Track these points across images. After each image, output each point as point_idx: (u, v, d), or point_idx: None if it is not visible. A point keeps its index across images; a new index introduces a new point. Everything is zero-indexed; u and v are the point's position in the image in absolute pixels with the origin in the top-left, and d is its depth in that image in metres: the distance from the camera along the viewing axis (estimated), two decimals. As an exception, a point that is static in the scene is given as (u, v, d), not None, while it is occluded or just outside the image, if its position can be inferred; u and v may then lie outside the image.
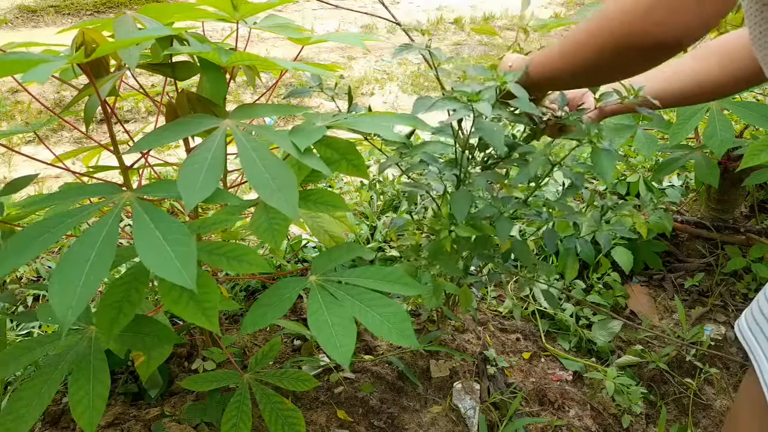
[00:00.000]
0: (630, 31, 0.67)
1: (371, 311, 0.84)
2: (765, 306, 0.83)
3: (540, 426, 1.30)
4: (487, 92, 0.85)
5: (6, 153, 2.85)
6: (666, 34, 0.65)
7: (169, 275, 0.63)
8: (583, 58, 0.76)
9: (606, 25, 0.70)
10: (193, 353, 1.40)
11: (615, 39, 0.69)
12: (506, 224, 1.01)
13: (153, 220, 0.68)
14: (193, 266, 0.64)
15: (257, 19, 1.00)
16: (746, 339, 0.86)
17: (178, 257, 0.64)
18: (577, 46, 0.77)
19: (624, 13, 0.68)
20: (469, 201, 0.98)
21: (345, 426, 1.25)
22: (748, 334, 0.85)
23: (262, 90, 3.70)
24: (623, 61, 0.72)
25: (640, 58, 0.71)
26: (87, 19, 5.25)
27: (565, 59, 0.80)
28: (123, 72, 0.88)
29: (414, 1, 6.45)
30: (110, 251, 0.65)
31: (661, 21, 0.64)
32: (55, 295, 0.62)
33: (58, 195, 0.80)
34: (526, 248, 1.11)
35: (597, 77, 0.83)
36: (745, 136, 1.74)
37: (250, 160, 0.72)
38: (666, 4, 0.63)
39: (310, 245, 1.86)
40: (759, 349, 0.82)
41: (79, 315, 0.92)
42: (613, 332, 1.60)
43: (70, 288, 0.62)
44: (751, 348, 0.84)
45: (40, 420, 1.24)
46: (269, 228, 0.83)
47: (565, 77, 0.83)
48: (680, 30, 0.64)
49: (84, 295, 0.61)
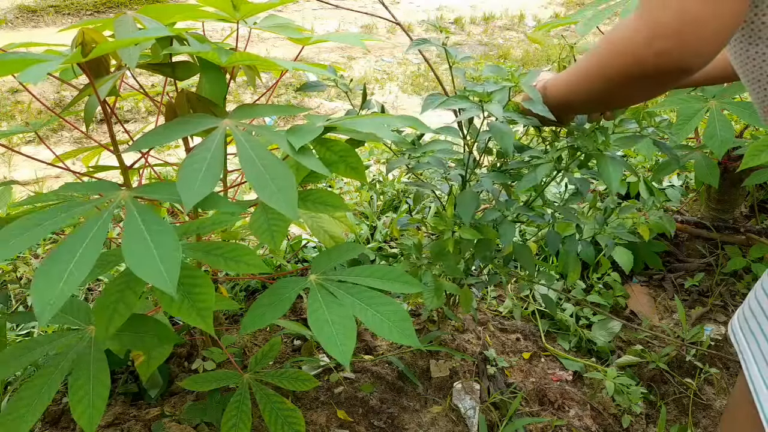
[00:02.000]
0: (634, 62, 0.65)
1: (371, 310, 0.84)
2: (753, 303, 0.83)
3: (540, 426, 1.30)
4: (500, 93, 0.84)
5: (6, 153, 2.85)
6: (670, 63, 0.63)
7: (151, 278, 0.62)
8: (591, 90, 0.75)
9: (610, 57, 0.69)
10: (193, 353, 1.40)
11: (621, 71, 0.68)
12: (510, 228, 1.01)
13: (144, 221, 0.67)
14: (176, 271, 0.63)
15: (257, 19, 1.00)
16: (736, 337, 0.86)
17: (163, 261, 0.63)
18: (586, 78, 0.75)
19: (626, 44, 0.66)
20: (476, 202, 0.98)
21: (345, 426, 1.25)
22: (739, 333, 0.85)
23: (262, 90, 3.70)
24: (633, 90, 0.71)
25: (650, 86, 0.69)
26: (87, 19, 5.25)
27: (572, 87, 0.80)
28: (123, 72, 0.88)
29: (414, 1, 6.45)
30: (96, 249, 0.65)
31: (663, 50, 0.62)
32: (36, 290, 0.61)
33: (58, 194, 0.80)
34: (528, 252, 1.11)
35: (610, 105, 0.82)
36: (745, 136, 1.74)
37: (250, 160, 0.72)
38: (664, 33, 0.61)
39: (310, 245, 1.86)
40: (746, 344, 0.82)
41: (80, 315, 0.93)
42: (613, 332, 1.60)
43: (52, 284, 0.61)
44: (739, 345, 0.84)
45: (40, 420, 1.24)
46: (268, 229, 0.83)
47: (577, 105, 0.82)
48: (688, 57, 0.62)
49: (65, 291, 0.61)
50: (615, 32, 0.68)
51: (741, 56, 0.73)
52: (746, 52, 0.72)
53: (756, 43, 0.69)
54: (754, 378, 0.78)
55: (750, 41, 0.70)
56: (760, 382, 0.76)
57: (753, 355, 0.80)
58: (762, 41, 0.68)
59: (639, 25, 0.63)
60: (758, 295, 0.83)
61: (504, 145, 0.86)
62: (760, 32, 0.68)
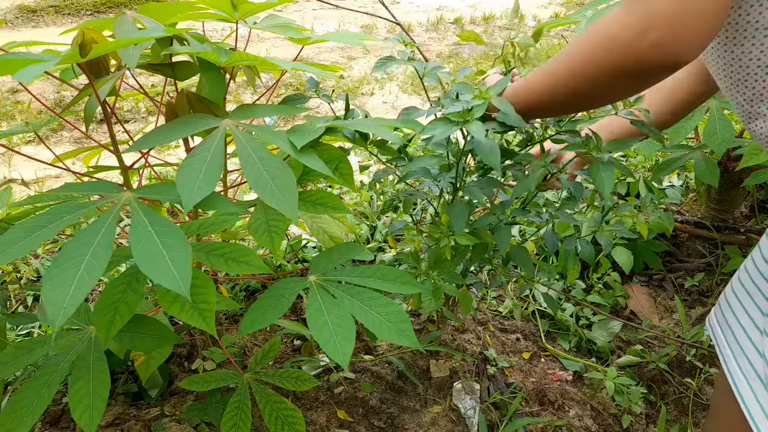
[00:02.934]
0: (624, 56, 0.64)
1: (371, 311, 0.84)
2: (730, 296, 0.84)
3: (540, 426, 1.30)
4: (478, 110, 0.84)
5: (6, 153, 2.85)
6: (666, 55, 0.61)
7: (164, 281, 0.62)
8: (564, 92, 0.73)
9: (595, 54, 0.67)
10: (193, 353, 1.40)
11: (608, 67, 0.66)
12: (506, 232, 1.01)
13: (151, 222, 0.68)
14: (188, 273, 0.63)
15: (257, 19, 1.00)
16: (714, 332, 0.86)
17: (174, 263, 0.64)
18: (559, 80, 0.73)
19: (614, 40, 0.64)
20: (467, 212, 0.98)
21: (345, 426, 1.25)
22: (717, 327, 0.86)
23: (262, 90, 3.70)
24: (617, 88, 0.69)
25: (635, 82, 0.67)
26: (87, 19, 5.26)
27: (540, 90, 0.77)
28: (123, 72, 0.88)
29: (414, 1, 6.45)
30: (107, 251, 0.64)
31: (659, 41, 0.61)
32: (47, 294, 0.61)
33: (59, 193, 0.80)
34: (525, 254, 1.11)
35: (584, 105, 0.79)
36: (745, 135, 1.74)
37: (250, 160, 0.72)
38: (664, 22, 0.60)
39: (310, 245, 1.86)
40: (723, 338, 0.83)
41: (80, 315, 0.93)
42: (613, 332, 1.60)
43: (63, 288, 0.61)
44: (716, 339, 0.85)
45: (40, 420, 1.24)
46: (267, 230, 0.83)
47: (548, 105, 0.79)
48: (681, 48, 0.61)
49: (77, 296, 0.60)
50: (596, 31, 0.67)
51: (724, 59, 0.73)
52: (731, 53, 0.72)
53: (741, 43, 0.69)
54: (732, 371, 0.78)
55: (735, 42, 0.70)
56: (739, 374, 0.76)
57: (730, 348, 0.80)
58: (747, 40, 0.68)
59: (630, 19, 0.62)
60: (735, 288, 0.83)
61: (492, 163, 0.85)
62: (745, 32, 0.68)
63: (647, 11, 0.61)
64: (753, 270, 0.80)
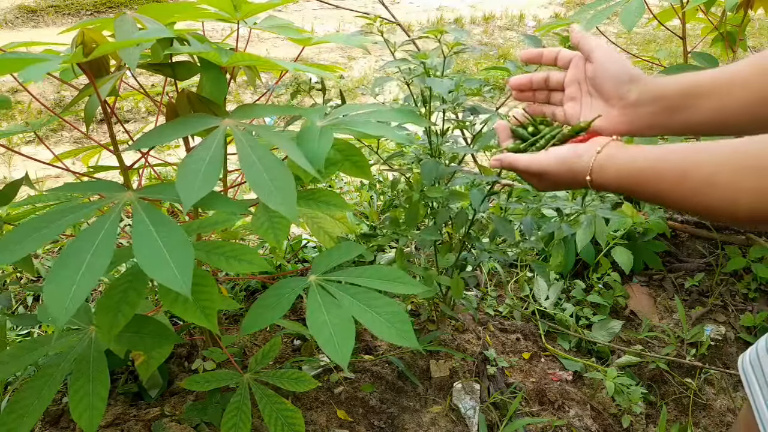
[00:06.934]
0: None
1: (371, 311, 0.84)
2: (762, 349, 0.81)
3: (540, 426, 1.30)
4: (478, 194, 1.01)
5: (6, 153, 2.85)
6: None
7: (166, 280, 0.62)
8: (706, 194, 0.57)
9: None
10: (193, 353, 1.40)
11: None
12: (479, 193, 1.13)
13: (153, 222, 0.68)
14: (190, 272, 0.63)
15: (257, 20, 1.00)
16: (747, 376, 0.83)
17: (175, 262, 0.64)
18: (711, 192, 0.56)
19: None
20: (437, 168, 1.10)
21: (345, 426, 1.25)
22: (749, 370, 0.83)
23: (262, 90, 3.70)
24: (745, 224, 0.62)
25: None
26: (87, 19, 5.25)
27: (676, 192, 0.59)
28: (123, 72, 0.88)
29: (414, 1, 6.45)
30: (108, 251, 0.65)
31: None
32: (50, 294, 0.61)
33: (59, 193, 0.80)
34: (508, 225, 1.20)
35: (680, 208, 0.63)
36: (745, 136, 1.74)
37: (250, 160, 0.72)
38: None
39: (310, 245, 1.86)
40: (754, 379, 0.81)
41: (80, 315, 0.93)
42: (613, 332, 1.60)
43: (65, 288, 0.61)
44: (750, 386, 0.82)
45: (40, 420, 1.24)
46: (271, 227, 0.83)
47: (658, 201, 0.64)
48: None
49: (79, 296, 0.61)
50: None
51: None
52: None
53: None
54: (762, 415, 0.77)
55: None
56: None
57: (763, 395, 0.78)
58: None
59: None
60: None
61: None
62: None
63: None
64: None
